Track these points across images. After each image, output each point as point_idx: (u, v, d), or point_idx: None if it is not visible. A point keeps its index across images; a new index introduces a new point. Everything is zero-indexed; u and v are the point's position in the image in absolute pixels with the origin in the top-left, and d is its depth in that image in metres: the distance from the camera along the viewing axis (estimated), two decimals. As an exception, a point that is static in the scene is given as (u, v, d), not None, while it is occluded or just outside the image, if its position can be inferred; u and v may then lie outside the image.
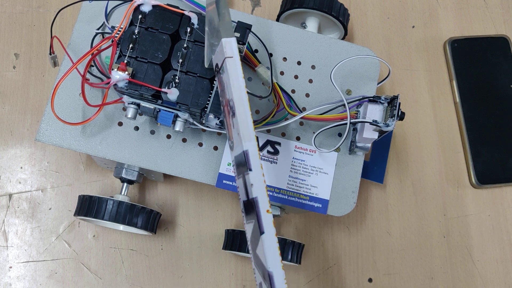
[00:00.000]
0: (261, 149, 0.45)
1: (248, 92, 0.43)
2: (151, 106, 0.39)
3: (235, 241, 0.47)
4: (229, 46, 0.33)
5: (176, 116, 0.40)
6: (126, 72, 0.37)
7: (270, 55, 0.47)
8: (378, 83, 0.48)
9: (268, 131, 0.45)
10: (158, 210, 0.47)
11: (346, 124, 0.42)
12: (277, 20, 0.54)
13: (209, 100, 0.38)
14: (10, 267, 0.50)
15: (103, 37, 0.44)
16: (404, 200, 0.56)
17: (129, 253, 0.52)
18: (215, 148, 0.44)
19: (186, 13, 0.39)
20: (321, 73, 0.47)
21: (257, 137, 0.33)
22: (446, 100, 0.60)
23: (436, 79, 0.60)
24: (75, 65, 0.38)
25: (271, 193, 0.44)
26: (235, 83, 0.33)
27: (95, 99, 0.43)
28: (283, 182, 0.45)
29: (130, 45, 0.38)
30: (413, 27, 0.62)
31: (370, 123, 0.41)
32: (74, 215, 0.45)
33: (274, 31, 0.47)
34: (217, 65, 0.36)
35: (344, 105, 0.43)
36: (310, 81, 0.47)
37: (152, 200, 0.53)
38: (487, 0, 0.64)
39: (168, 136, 0.44)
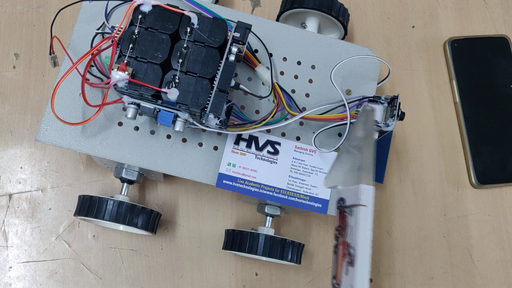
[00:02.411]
0: (261, 149, 0.45)
1: (248, 92, 0.43)
2: (151, 106, 0.39)
3: (235, 241, 0.47)
4: (367, 194, 0.32)
5: (176, 116, 0.40)
6: (126, 72, 0.37)
7: (270, 55, 0.47)
8: (378, 83, 0.48)
9: (268, 131, 0.45)
10: (158, 210, 0.47)
11: (346, 124, 0.42)
12: (277, 20, 0.54)
13: (209, 100, 0.38)
14: (10, 267, 0.50)
15: (103, 37, 0.44)
16: (404, 200, 0.56)
17: (129, 253, 0.52)
18: (215, 148, 0.44)
19: (186, 13, 0.39)
20: (321, 73, 0.47)
21: None
22: (446, 100, 0.60)
23: (436, 79, 0.60)
24: (75, 65, 0.38)
25: (271, 193, 0.44)
26: (362, 234, 0.31)
27: (95, 99, 0.43)
28: (283, 182, 0.45)
29: (130, 45, 0.38)
30: (413, 27, 0.62)
31: (370, 123, 0.41)
32: (74, 215, 0.45)
33: (274, 31, 0.47)
34: (342, 199, 0.35)
35: (344, 105, 0.43)
36: (310, 81, 0.47)
37: (152, 200, 0.53)
38: (487, 0, 0.64)
39: (168, 136, 0.44)
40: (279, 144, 0.45)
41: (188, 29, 0.38)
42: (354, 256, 0.32)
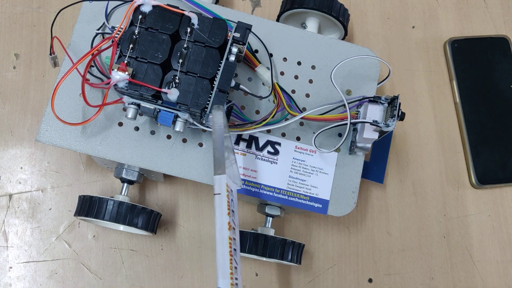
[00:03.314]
0: (261, 149, 0.45)
1: (248, 92, 0.43)
2: (151, 106, 0.39)
3: (235, 241, 0.47)
4: (218, 183, 0.35)
5: (176, 116, 0.40)
6: (126, 73, 0.37)
7: (270, 55, 0.47)
8: (378, 83, 0.48)
9: (268, 131, 0.45)
10: (158, 210, 0.47)
11: (346, 124, 0.42)
12: (277, 20, 0.54)
13: (209, 101, 0.38)
14: (10, 267, 0.50)
15: (103, 37, 0.44)
16: (404, 200, 0.56)
17: (129, 253, 0.52)
18: (215, 148, 0.44)
19: (186, 13, 0.39)
20: (321, 73, 0.47)
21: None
22: (446, 101, 0.60)
23: (436, 79, 0.60)
24: (75, 65, 0.38)
25: (271, 193, 0.44)
26: (218, 220, 0.34)
27: (95, 99, 0.43)
28: (283, 183, 0.45)
29: (130, 45, 0.38)
30: (413, 27, 0.62)
31: (371, 124, 0.41)
32: (74, 215, 0.45)
33: (274, 31, 0.47)
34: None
35: (344, 105, 0.43)
36: (310, 81, 0.47)
37: (152, 200, 0.53)
38: (487, 0, 0.64)
39: (168, 137, 0.44)
40: (279, 144, 0.45)
41: (188, 29, 0.38)
42: (216, 240, 0.34)
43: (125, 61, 0.37)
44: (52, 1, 0.57)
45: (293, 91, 0.46)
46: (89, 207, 0.44)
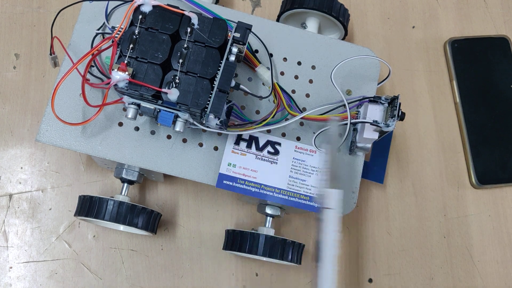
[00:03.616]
0: (261, 149, 0.45)
1: (248, 92, 0.43)
2: (151, 106, 0.39)
3: (235, 241, 0.47)
4: (332, 198, 0.35)
5: (176, 116, 0.40)
6: (126, 73, 0.37)
7: (271, 55, 0.47)
8: (378, 84, 0.48)
9: (268, 131, 0.45)
10: (158, 210, 0.47)
11: (346, 124, 0.42)
12: (277, 20, 0.54)
13: (209, 101, 0.38)
14: (10, 268, 0.50)
15: (103, 37, 0.44)
16: (404, 200, 0.56)
17: (129, 253, 0.52)
18: (215, 148, 0.44)
19: (186, 13, 0.39)
20: (321, 73, 0.47)
21: None
22: (446, 101, 0.60)
23: (436, 79, 0.60)
24: (75, 65, 0.38)
25: (271, 193, 0.44)
26: (327, 236, 0.34)
27: (95, 99, 0.43)
28: (283, 183, 0.45)
29: (130, 46, 0.38)
30: (413, 27, 0.62)
31: (371, 124, 0.41)
32: (75, 215, 0.45)
33: (274, 31, 0.47)
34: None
35: (344, 105, 0.43)
36: (311, 81, 0.47)
37: (152, 200, 0.53)
38: (487, 0, 0.64)
39: (169, 137, 0.44)
40: (279, 144, 0.45)
41: (189, 30, 0.38)
42: (319, 253, 0.33)
43: (125, 61, 0.37)
44: (52, 1, 0.57)
45: (293, 91, 0.46)
46: (89, 207, 0.44)
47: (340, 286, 0.53)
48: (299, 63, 0.47)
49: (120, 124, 0.44)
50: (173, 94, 0.37)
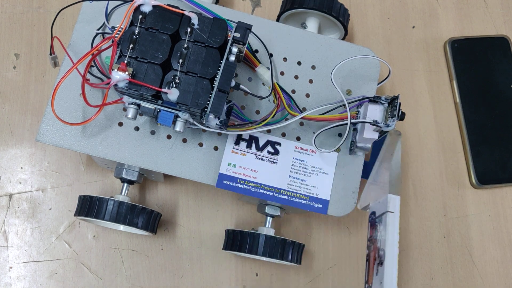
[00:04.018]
0: (261, 149, 0.45)
1: (248, 92, 0.43)
2: (151, 106, 0.39)
3: (235, 241, 0.47)
4: (393, 203, 0.37)
5: (176, 116, 0.40)
6: (126, 73, 0.37)
7: (270, 55, 0.47)
8: (378, 83, 0.48)
9: (268, 131, 0.45)
10: (158, 210, 0.47)
11: (346, 124, 0.42)
12: (277, 20, 0.54)
13: (209, 100, 0.38)
14: (10, 267, 0.50)
15: (103, 37, 0.44)
16: (404, 200, 0.56)
17: (129, 253, 0.52)
18: (216, 148, 0.44)
19: (186, 13, 0.39)
20: (321, 73, 0.47)
21: None
22: (446, 100, 0.60)
23: (436, 79, 0.60)
24: (75, 65, 0.38)
25: (271, 193, 0.44)
26: (390, 237, 0.36)
27: (95, 99, 0.43)
28: (283, 183, 0.45)
29: (130, 45, 0.38)
30: (413, 27, 0.62)
31: (371, 124, 0.41)
32: (75, 215, 0.45)
33: (274, 31, 0.47)
34: (374, 212, 0.39)
35: (344, 105, 0.43)
36: (311, 81, 0.47)
37: (152, 200, 0.53)
38: (487, 0, 0.64)
39: (169, 136, 0.44)
40: (279, 144, 0.45)
41: (189, 29, 0.38)
42: (383, 256, 0.36)
43: (125, 61, 0.37)
44: (52, 1, 0.57)
45: (293, 91, 0.46)
46: (89, 207, 0.44)
47: (337, 285, 0.53)
48: (299, 63, 0.47)
49: (120, 124, 0.44)
50: (173, 94, 0.37)
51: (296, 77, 0.47)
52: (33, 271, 0.50)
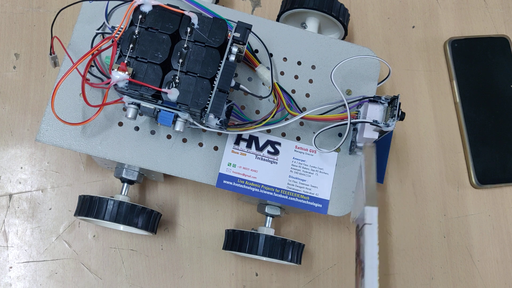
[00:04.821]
0: (261, 149, 0.45)
1: (248, 92, 0.43)
2: (151, 106, 0.39)
3: (235, 241, 0.47)
4: (370, 214, 0.37)
5: (176, 116, 0.40)
6: (126, 72, 0.37)
7: (270, 55, 0.47)
8: (378, 83, 0.48)
9: (268, 131, 0.45)
10: (158, 210, 0.47)
11: (346, 124, 0.42)
12: (277, 20, 0.54)
13: (209, 100, 0.38)
14: (10, 267, 0.50)
15: (103, 37, 0.44)
16: (404, 200, 0.56)
17: (129, 253, 0.52)
18: (215, 148, 0.44)
19: (186, 13, 0.39)
20: (321, 73, 0.47)
21: None
22: (446, 100, 0.60)
23: (436, 79, 0.60)
24: (75, 65, 0.38)
25: (271, 193, 0.44)
26: (369, 249, 0.36)
27: (95, 99, 0.43)
28: (283, 182, 0.45)
29: (130, 45, 0.38)
30: (413, 27, 0.62)
31: (371, 123, 0.41)
32: (75, 215, 0.45)
33: (274, 31, 0.47)
34: (357, 225, 0.39)
35: (344, 105, 0.43)
36: (310, 81, 0.47)
37: (152, 200, 0.53)
38: (487, 0, 0.64)
39: (168, 136, 0.44)
40: (279, 144, 0.45)
41: (188, 29, 0.38)
42: (364, 268, 0.35)
43: (125, 61, 0.37)
44: (52, 1, 0.57)
45: (293, 91, 0.46)
46: (89, 207, 0.44)
47: (337, 285, 0.53)
48: (299, 63, 0.47)
49: (120, 124, 0.44)
50: (173, 94, 0.37)
51: (296, 77, 0.47)
52: (33, 271, 0.50)
